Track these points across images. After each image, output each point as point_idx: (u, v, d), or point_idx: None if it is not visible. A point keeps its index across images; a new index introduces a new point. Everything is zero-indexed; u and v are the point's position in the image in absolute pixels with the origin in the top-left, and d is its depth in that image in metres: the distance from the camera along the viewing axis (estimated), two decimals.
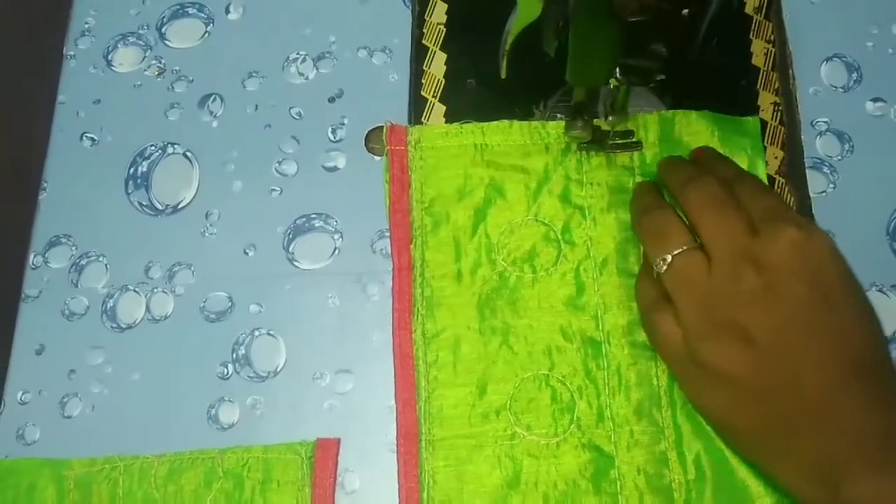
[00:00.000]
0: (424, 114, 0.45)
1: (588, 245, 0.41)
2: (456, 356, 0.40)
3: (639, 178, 0.42)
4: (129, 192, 0.44)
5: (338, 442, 0.39)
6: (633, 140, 0.42)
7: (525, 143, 0.43)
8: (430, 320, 0.40)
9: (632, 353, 0.39)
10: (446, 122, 0.44)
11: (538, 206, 0.42)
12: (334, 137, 0.45)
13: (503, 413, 0.39)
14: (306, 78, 0.46)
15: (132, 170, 0.45)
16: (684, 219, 0.38)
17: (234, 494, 0.38)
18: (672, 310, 0.36)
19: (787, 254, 0.34)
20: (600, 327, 0.40)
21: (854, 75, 0.45)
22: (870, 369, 0.33)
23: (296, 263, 0.43)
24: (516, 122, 0.43)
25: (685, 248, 0.36)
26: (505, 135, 0.43)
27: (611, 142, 0.42)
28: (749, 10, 0.46)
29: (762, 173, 0.42)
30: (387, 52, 0.47)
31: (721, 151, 0.42)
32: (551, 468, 0.38)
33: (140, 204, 0.44)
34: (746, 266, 0.34)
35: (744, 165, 0.42)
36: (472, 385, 0.39)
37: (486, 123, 0.43)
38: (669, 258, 0.36)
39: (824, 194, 0.43)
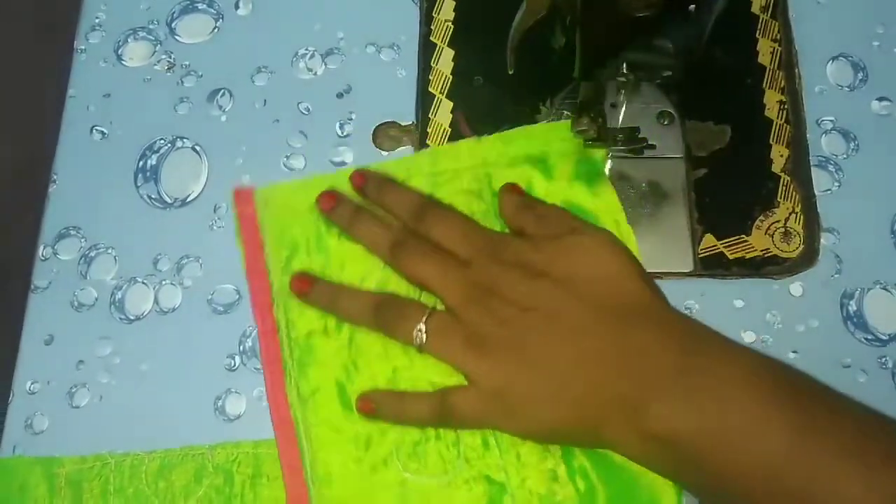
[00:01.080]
0: (431, 110, 0.45)
1: None
2: (333, 412, 0.39)
3: (486, 200, 0.42)
4: (139, 185, 0.45)
5: None
6: (639, 137, 0.43)
7: None
8: (304, 380, 0.39)
9: None
10: (452, 117, 0.45)
11: None
12: (342, 133, 0.45)
13: (391, 461, 0.38)
14: (315, 73, 0.47)
15: (141, 163, 0.45)
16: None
17: (224, 489, 0.38)
18: (460, 389, 0.37)
19: (500, 266, 0.37)
20: None
21: (860, 74, 0.45)
22: (647, 313, 0.36)
23: None
24: (359, 169, 0.42)
25: (426, 314, 0.38)
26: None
27: (617, 139, 0.42)
28: (755, 8, 0.46)
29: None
30: (395, 48, 0.47)
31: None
32: None
33: (149, 197, 0.45)
34: (479, 293, 0.37)
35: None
36: (357, 440, 0.38)
37: (331, 174, 0.43)
38: (423, 327, 0.37)
39: (829, 192, 0.43)
